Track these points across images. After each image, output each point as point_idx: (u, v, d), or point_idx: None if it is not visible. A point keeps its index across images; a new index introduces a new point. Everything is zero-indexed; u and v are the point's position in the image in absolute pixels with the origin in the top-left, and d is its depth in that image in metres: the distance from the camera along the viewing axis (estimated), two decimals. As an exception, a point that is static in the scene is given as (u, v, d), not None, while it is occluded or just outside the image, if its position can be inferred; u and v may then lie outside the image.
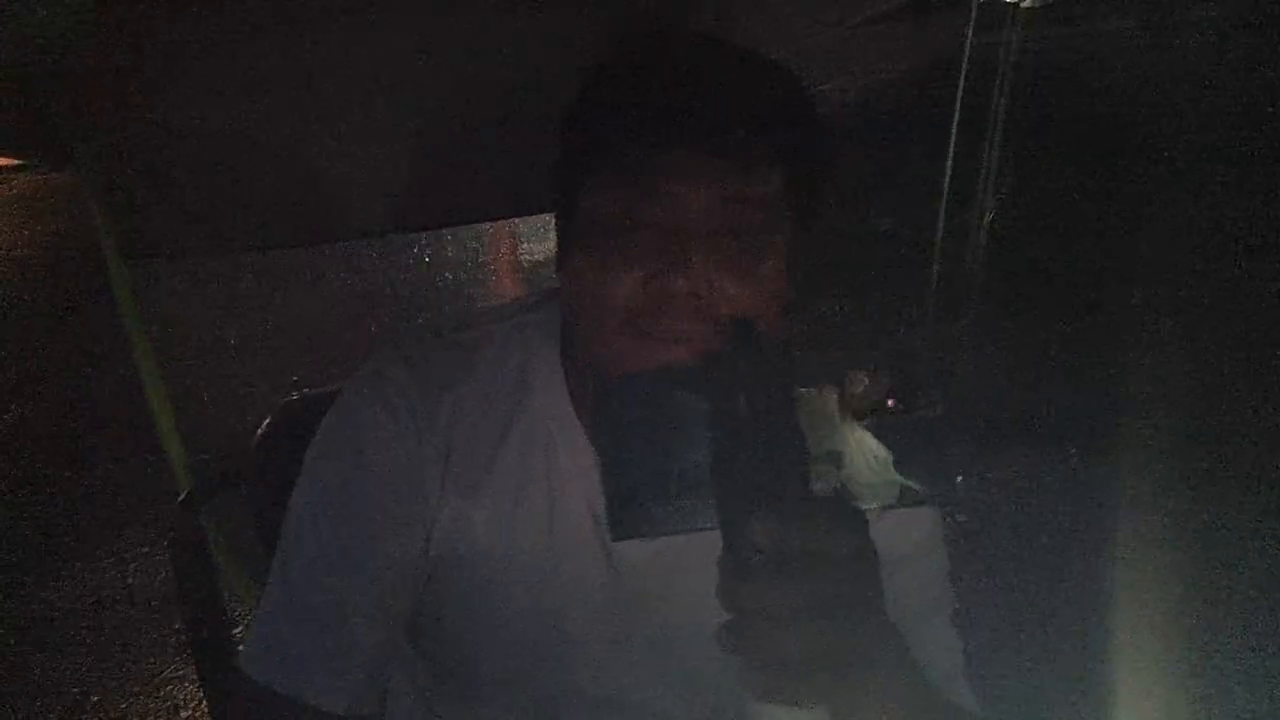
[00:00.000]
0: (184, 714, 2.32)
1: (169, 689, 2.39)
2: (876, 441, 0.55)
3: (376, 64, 1.00)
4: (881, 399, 0.55)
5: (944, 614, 0.91)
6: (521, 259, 5.11)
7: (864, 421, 0.55)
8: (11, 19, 0.71)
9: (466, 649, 0.87)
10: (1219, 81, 6.03)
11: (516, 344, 0.87)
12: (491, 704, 0.90)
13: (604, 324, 0.73)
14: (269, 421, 1.16)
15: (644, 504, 0.55)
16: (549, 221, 0.84)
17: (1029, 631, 2.30)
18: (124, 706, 2.36)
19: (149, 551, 2.89)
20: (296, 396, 1.21)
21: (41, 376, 4.12)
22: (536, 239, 5.00)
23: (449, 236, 5.20)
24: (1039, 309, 3.90)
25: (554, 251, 0.83)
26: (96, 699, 2.38)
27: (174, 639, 2.53)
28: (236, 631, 1.33)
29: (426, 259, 5.13)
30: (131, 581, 2.80)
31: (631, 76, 0.76)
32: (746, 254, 0.73)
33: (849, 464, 0.55)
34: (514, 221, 4.54)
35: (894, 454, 0.55)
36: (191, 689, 2.38)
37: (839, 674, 0.55)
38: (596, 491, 0.82)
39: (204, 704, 2.21)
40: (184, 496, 1.16)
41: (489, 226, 5.04)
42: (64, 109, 0.98)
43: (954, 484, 0.55)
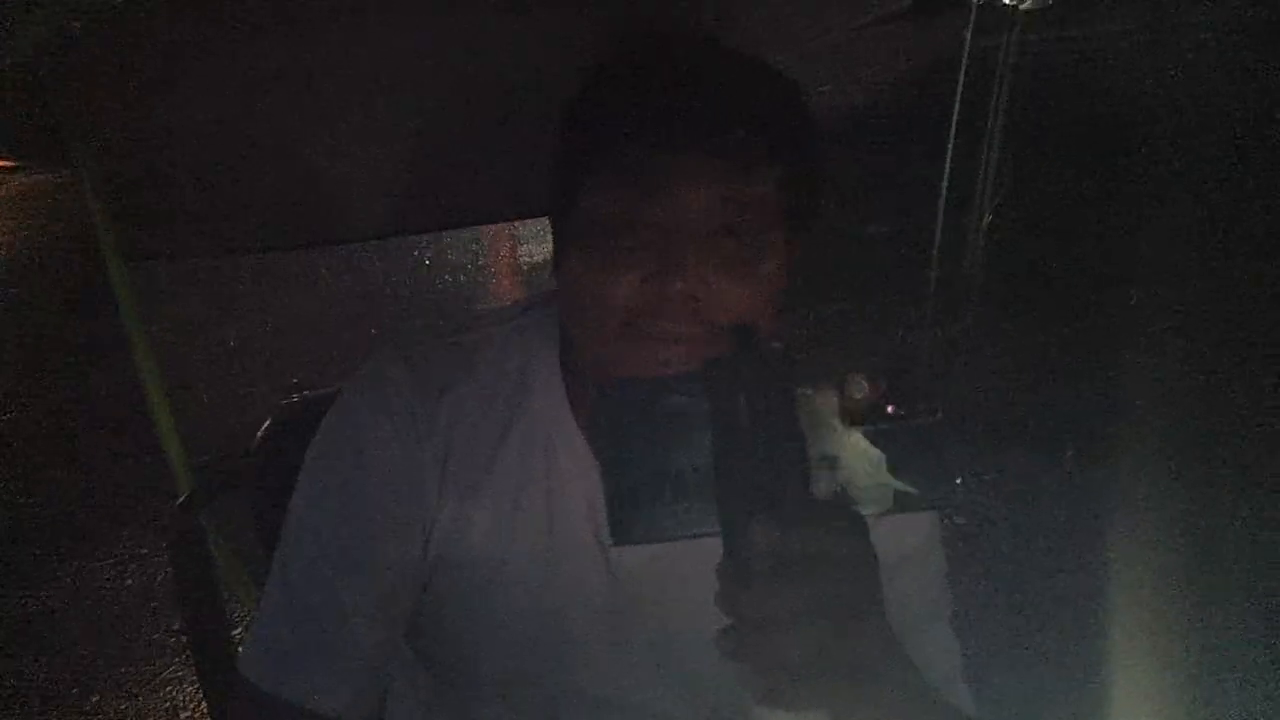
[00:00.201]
0: (183, 715, 2.32)
1: (168, 690, 2.39)
2: (878, 443, 0.55)
3: (376, 64, 1.00)
4: (880, 404, 0.55)
5: (942, 617, 0.91)
6: (521, 261, 5.11)
7: (862, 426, 0.55)
8: (12, 20, 0.71)
9: (466, 650, 0.87)
10: (1218, 84, 6.03)
11: (516, 346, 0.87)
12: (491, 706, 0.90)
13: (601, 326, 0.73)
14: (269, 423, 1.16)
15: (642, 508, 0.55)
16: (549, 224, 0.84)
17: (1027, 634, 2.30)
18: (123, 707, 2.35)
19: (148, 552, 2.89)
20: (296, 398, 1.21)
21: (40, 377, 4.11)
22: (536, 241, 5.00)
23: (449, 239, 5.20)
24: (1038, 311, 3.90)
25: (552, 253, 0.83)
26: (95, 699, 2.38)
27: (173, 640, 2.53)
28: (236, 633, 1.33)
29: (426, 261, 5.13)
30: (130, 582, 2.80)
31: (628, 78, 0.76)
32: (744, 255, 0.73)
33: (851, 467, 0.55)
34: (514, 224, 4.54)
35: (891, 458, 0.55)
36: (191, 690, 2.37)
37: (838, 678, 0.55)
38: (595, 494, 0.82)
39: (203, 705, 2.22)
40: (184, 498, 1.16)
41: (489, 229, 5.04)
42: (63, 109, 0.98)
43: (952, 488, 0.55)
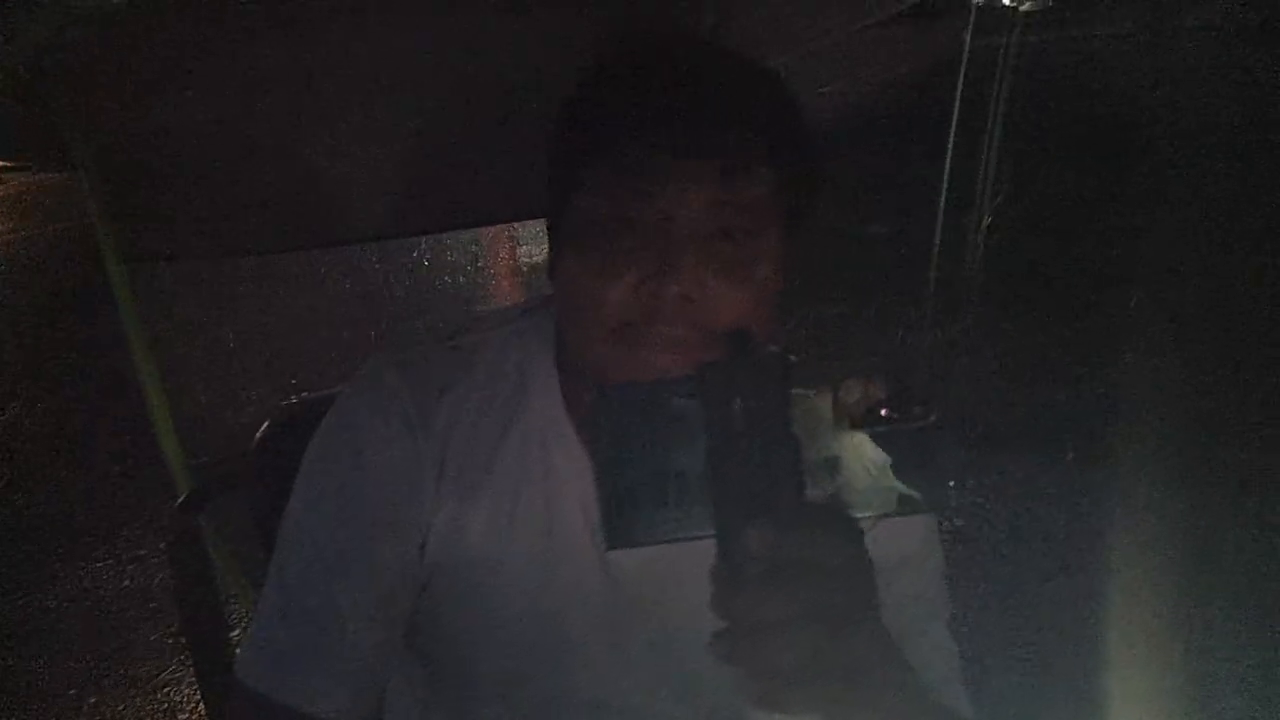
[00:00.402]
0: (181, 717, 2.32)
1: (166, 691, 2.39)
2: (874, 447, 0.55)
3: (377, 66, 1.00)
4: (875, 407, 0.55)
5: (940, 619, 0.91)
6: (521, 263, 5.11)
7: (860, 430, 0.55)
8: (13, 21, 0.71)
9: (463, 652, 0.87)
10: (1217, 84, 6.04)
11: (513, 349, 0.87)
12: (488, 707, 0.89)
13: (597, 328, 0.73)
14: (267, 424, 1.16)
15: (639, 511, 0.55)
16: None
17: (1025, 636, 2.30)
18: (121, 709, 2.35)
19: (146, 553, 2.89)
20: (295, 399, 1.21)
21: (39, 378, 4.12)
22: (536, 243, 5.00)
23: (448, 240, 5.20)
24: (1037, 312, 3.90)
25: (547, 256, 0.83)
26: (93, 701, 2.38)
27: (171, 641, 2.53)
28: (234, 634, 1.33)
29: (426, 262, 5.13)
30: (129, 583, 2.80)
31: (624, 80, 0.76)
32: (740, 257, 0.73)
33: (846, 471, 0.55)
34: (513, 225, 4.54)
35: (891, 461, 0.55)
36: (189, 691, 2.37)
37: (833, 681, 0.55)
38: (592, 497, 0.82)
39: (201, 707, 2.21)
40: (182, 499, 1.16)
41: (488, 230, 5.04)
42: (63, 110, 0.98)
43: (947, 491, 0.55)
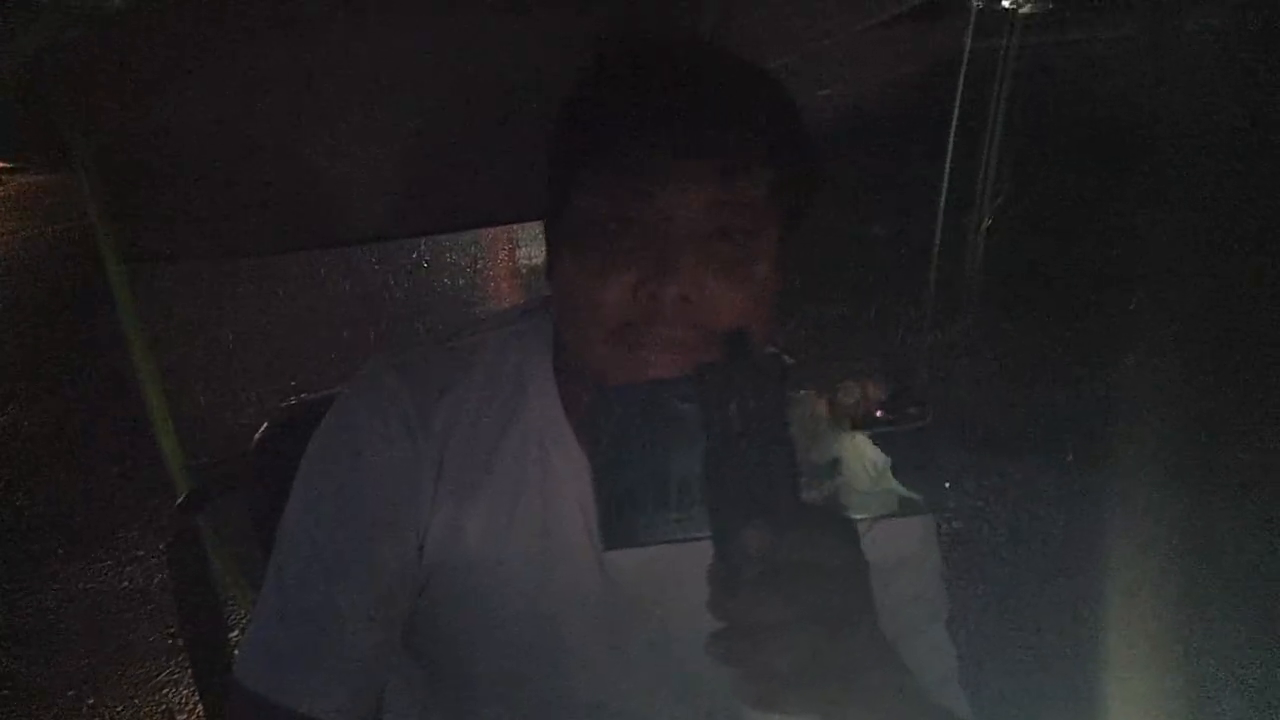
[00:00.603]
0: (180, 718, 2.32)
1: (165, 693, 2.39)
2: (872, 448, 0.55)
3: (377, 66, 1.00)
4: (873, 408, 0.55)
5: (938, 620, 0.91)
6: (520, 264, 5.12)
7: (857, 431, 0.55)
8: (13, 23, 0.71)
9: (462, 652, 0.87)
10: (1216, 87, 6.04)
11: (512, 350, 0.87)
12: (487, 708, 0.90)
13: (595, 330, 0.73)
14: (266, 425, 1.16)
15: (636, 512, 0.55)
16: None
17: (1023, 638, 2.30)
18: (119, 710, 2.35)
19: (145, 554, 2.89)
20: (294, 400, 1.21)
21: (38, 379, 4.11)
22: (535, 245, 5.00)
23: (448, 241, 5.20)
24: (1037, 314, 3.91)
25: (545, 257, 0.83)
26: (91, 702, 2.38)
27: (170, 642, 2.53)
28: (233, 635, 1.33)
29: (425, 264, 5.13)
30: (127, 584, 2.79)
31: (622, 81, 0.76)
32: (739, 258, 0.73)
33: (843, 472, 0.55)
34: (513, 227, 4.54)
35: (888, 462, 0.55)
36: (187, 693, 2.37)
37: (830, 683, 0.55)
38: (590, 498, 0.82)
39: (200, 708, 2.21)
40: (181, 500, 1.16)
41: (488, 232, 5.05)
42: (63, 110, 0.98)
43: (943, 492, 0.55)
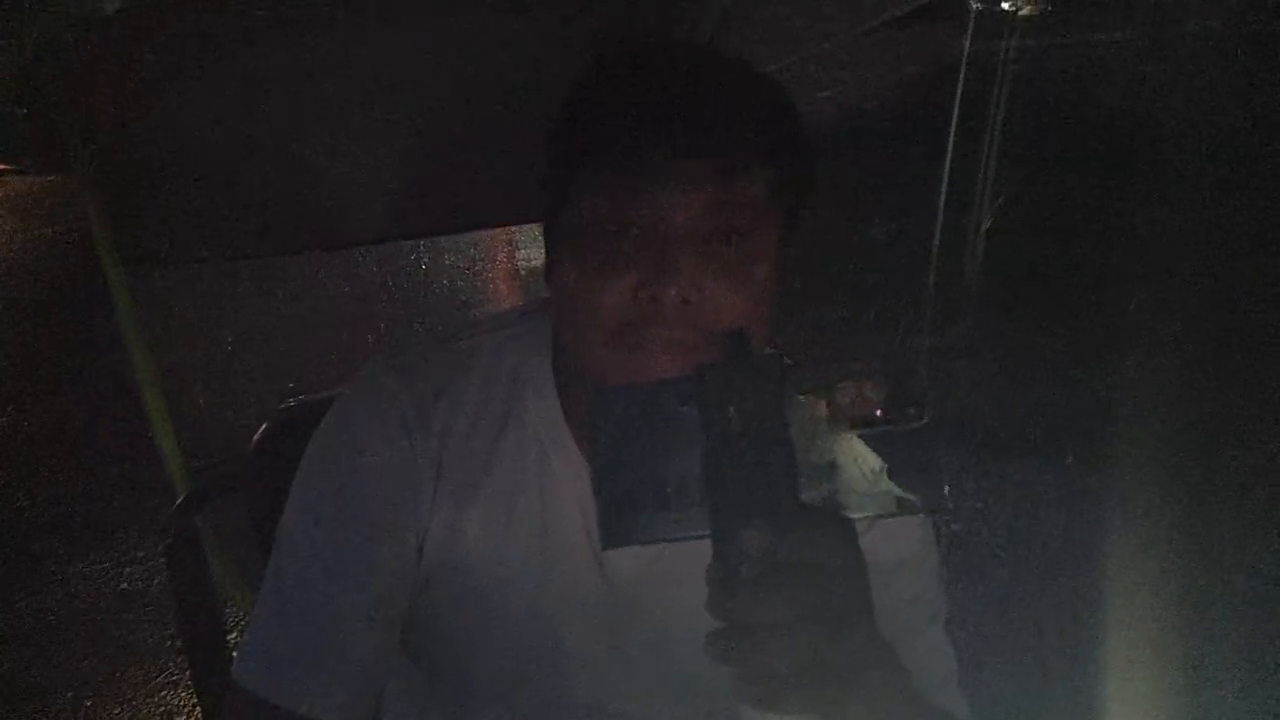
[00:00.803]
0: (178, 719, 2.32)
1: (163, 695, 2.39)
2: (869, 448, 0.55)
3: (376, 67, 1.00)
4: (871, 409, 0.55)
5: (937, 622, 0.91)
6: (519, 266, 5.11)
7: (855, 432, 0.55)
8: (12, 25, 0.71)
9: (460, 655, 0.87)
10: (1215, 89, 6.05)
11: (510, 352, 0.87)
12: (486, 708, 0.90)
13: (594, 332, 0.73)
14: (265, 426, 1.16)
15: (635, 512, 0.55)
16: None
17: (1022, 639, 2.30)
18: (117, 712, 2.35)
19: (144, 556, 2.89)
20: (293, 402, 1.21)
21: (37, 379, 4.11)
22: (534, 246, 5.00)
23: (446, 243, 5.20)
24: (1036, 315, 3.90)
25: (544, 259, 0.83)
26: (89, 704, 2.37)
27: (169, 644, 2.53)
28: (231, 637, 1.33)
29: (424, 265, 5.13)
30: (126, 586, 2.79)
31: (621, 81, 0.77)
32: (738, 260, 0.73)
33: (841, 472, 0.55)
34: (512, 229, 4.54)
35: (887, 463, 0.55)
36: (186, 695, 2.37)
37: (828, 683, 0.55)
38: (588, 499, 0.82)
39: (198, 710, 2.21)
40: (180, 501, 1.16)
41: (487, 233, 5.04)
42: (62, 112, 0.98)
43: (942, 493, 0.55)
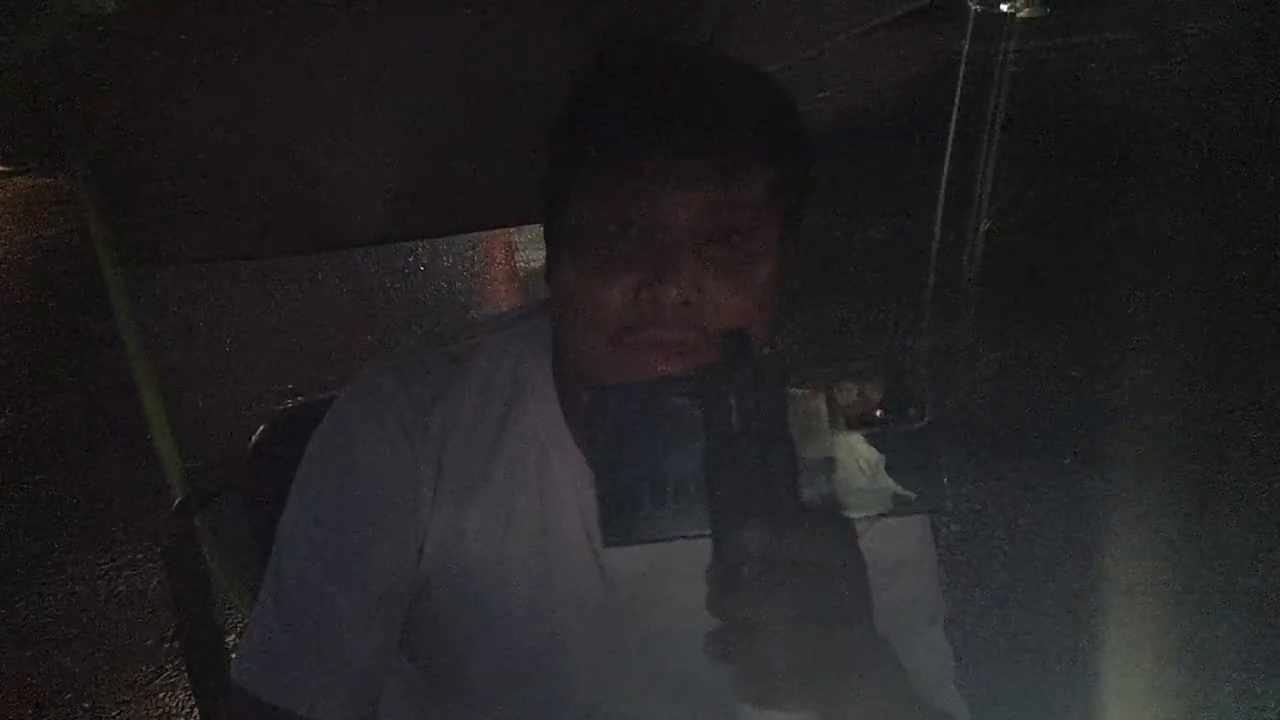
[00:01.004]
0: (176, 721, 2.32)
1: (161, 696, 2.38)
2: (869, 447, 0.55)
3: (376, 67, 1.00)
4: (871, 408, 0.55)
5: (936, 622, 0.91)
6: (518, 267, 5.11)
7: (855, 430, 0.55)
8: (10, 25, 0.71)
9: (460, 656, 0.87)
10: (1214, 90, 6.05)
11: (509, 354, 0.87)
12: (485, 710, 0.89)
13: (594, 333, 0.73)
14: (264, 428, 1.16)
15: (634, 511, 0.55)
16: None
17: (1021, 639, 2.30)
18: (115, 713, 2.34)
19: (142, 558, 2.88)
20: (291, 403, 1.21)
21: (37, 379, 4.11)
22: (533, 248, 5.00)
23: (445, 244, 5.19)
24: (1035, 315, 3.91)
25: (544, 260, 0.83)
26: (88, 705, 2.37)
27: (167, 645, 2.52)
28: (230, 639, 1.33)
29: (422, 267, 5.13)
30: (124, 587, 2.79)
31: (620, 82, 0.76)
32: (738, 260, 0.73)
33: (841, 471, 0.55)
34: (511, 230, 4.54)
35: (886, 461, 0.55)
36: (184, 696, 2.37)
37: (828, 681, 0.55)
38: (588, 500, 0.82)
39: (196, 712, 2.21)
40: (178, 503, 1.16)
41: (486, 234, 5.04)
42: (60, 113, 0.98)
43: (941, 493, 0.55)
